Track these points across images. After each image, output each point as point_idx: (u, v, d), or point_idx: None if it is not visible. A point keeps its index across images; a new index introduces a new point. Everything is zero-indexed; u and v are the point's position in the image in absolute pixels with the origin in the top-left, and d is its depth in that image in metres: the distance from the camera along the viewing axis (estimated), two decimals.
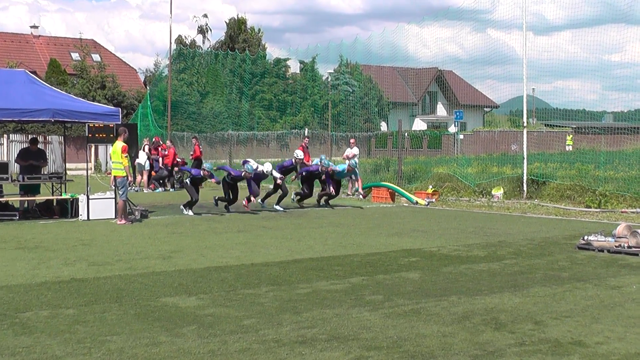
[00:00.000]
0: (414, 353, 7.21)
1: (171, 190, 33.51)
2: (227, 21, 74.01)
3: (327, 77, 64.13)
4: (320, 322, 8.43)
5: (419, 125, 73.02)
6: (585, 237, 14.65)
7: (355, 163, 28.92)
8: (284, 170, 24.15)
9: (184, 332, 7.97)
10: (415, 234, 17.28)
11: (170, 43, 49.98)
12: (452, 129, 58.73)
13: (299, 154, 24.56)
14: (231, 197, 22.15)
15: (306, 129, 44.79)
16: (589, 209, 22.23)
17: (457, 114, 49.42)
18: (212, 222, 19.54)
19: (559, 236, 16.56)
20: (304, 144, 30.02)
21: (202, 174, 21.58)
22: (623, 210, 21.60)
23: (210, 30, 77.47)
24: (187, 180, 21.75)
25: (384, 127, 63.76)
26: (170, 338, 7.71)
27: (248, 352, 7.22)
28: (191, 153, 36.17)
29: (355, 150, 29.38)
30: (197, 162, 36.28)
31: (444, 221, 20.11)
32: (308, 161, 28.98)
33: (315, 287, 10.55)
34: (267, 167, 22.37)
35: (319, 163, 24.04)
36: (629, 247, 13.97)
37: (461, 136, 46.48)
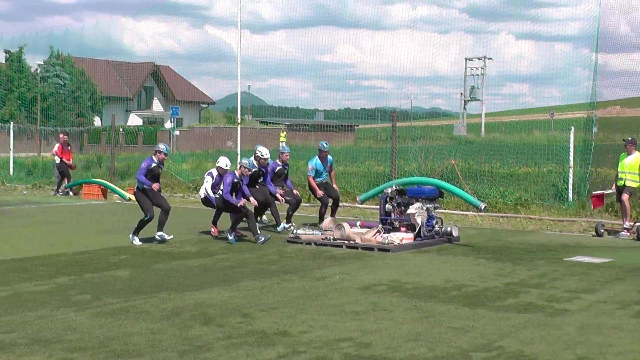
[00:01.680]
0: (121, 352, 7.04)
1: None
2: None
3: (36, 69, 61.44)
4: (20, 325, 7.99)
5: (135, 120, 71.90)
6: (295, 231, 15.12)
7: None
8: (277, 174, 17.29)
9: None
10: (127, 231, 16.89)
11: None
12: (168, 124, 58.49)
13: (264, 151, 16.61)
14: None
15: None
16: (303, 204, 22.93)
17: (173, 109, 49.34)
18: None
19: (271, 231, 16.93)
20: (62, 142, 27.96)
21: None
22: None
23: None
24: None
25: (97, 122, 62.23)
26: None
27: None
28: None
29: None
30: None
31: (157, 218, 19.88)
32: (69, 159, 27.35)
33: (17, 289, 10.00)
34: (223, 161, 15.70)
35: (283, 152, 17.55)
36: (334, 239, 14.60)
37: (177, 132, 46.45)
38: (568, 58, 33.93)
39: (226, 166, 15.47)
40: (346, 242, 14.40)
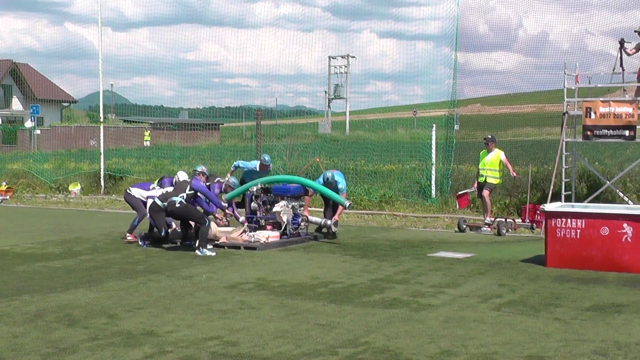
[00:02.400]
0: None
1: None
2: None
3: None
4: None
5: None
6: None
7: None
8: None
9: None
10: None
11: None
12: (29, 124, 56.64)
13: (181, 176, 14.42)
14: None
15: None
16: None
17: (34, 108, 47.85)
18: None
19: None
20: None
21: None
22: None
23: None
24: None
25: None
26: None
27: None
28: None
29: None
30: None
31: (19, 219, 19.39)
32: None
33: None
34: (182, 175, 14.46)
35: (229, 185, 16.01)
36: None
37: (38, 131, 45.12)
38: (430, 56, 34.84)
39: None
40: (213, 240, 14.34)
